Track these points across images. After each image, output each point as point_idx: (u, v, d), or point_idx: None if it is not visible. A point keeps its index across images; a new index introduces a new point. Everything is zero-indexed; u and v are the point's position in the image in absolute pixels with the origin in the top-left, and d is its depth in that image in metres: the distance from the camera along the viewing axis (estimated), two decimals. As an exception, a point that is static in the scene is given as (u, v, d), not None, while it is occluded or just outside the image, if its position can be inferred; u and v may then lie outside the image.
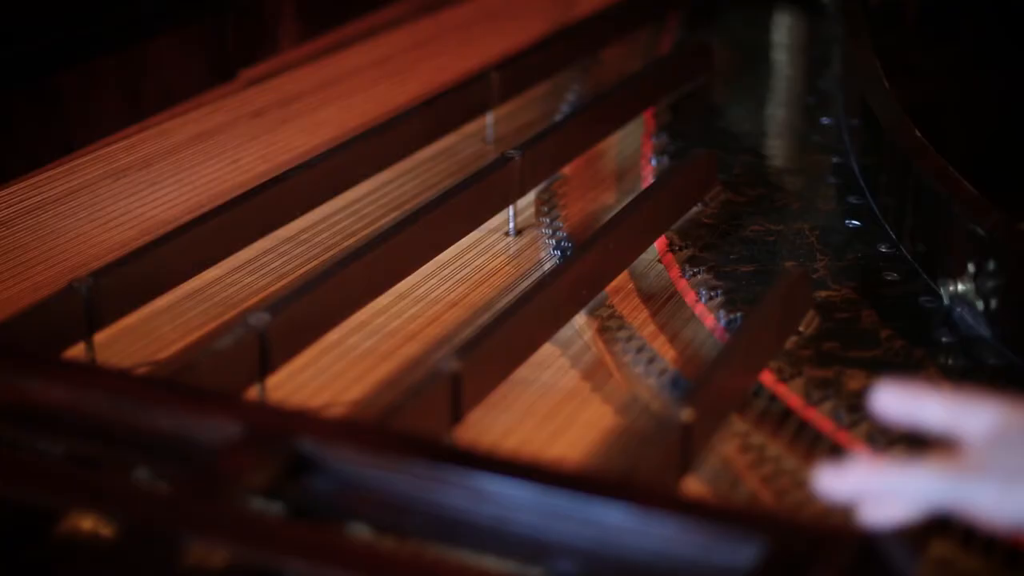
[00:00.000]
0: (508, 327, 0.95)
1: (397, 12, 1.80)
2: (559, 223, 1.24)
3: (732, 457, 0.92)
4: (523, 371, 0.99)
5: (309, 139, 1.42)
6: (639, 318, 1.09)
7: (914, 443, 0.92)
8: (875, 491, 0.68)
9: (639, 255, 1.16)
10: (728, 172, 1.34)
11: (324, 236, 1.22)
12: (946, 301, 1.09)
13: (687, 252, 1.19)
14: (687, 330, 1.08)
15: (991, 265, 1.04)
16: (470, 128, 1.43)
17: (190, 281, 1.09)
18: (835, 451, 0.92)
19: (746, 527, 0.68)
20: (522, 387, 0.99)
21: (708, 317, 1.09)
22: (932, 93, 1.49)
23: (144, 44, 1.44)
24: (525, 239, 1.23)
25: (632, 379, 1.01)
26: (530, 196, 1.27)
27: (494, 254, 1.20)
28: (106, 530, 0.75)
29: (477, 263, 1.18)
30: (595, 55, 1.65)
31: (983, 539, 0.83)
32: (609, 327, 1.08)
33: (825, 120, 1.50)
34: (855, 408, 0.96)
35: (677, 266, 1.16)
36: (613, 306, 1.11)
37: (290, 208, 1.18)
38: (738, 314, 1.08)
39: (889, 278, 1.14)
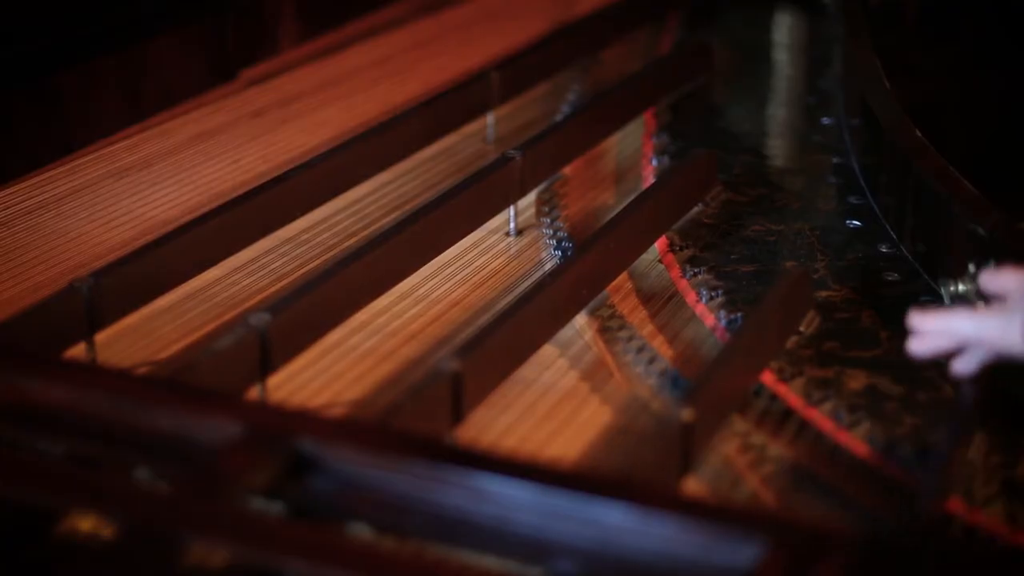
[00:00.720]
0: (509, 327, 0.95)
1: (397, 12, 1.80)
2: (560, 223, 1.24)
3: (732, 457, 0.92)
4: (524, 371, 0.99)
5: (309, 139, 1.42)
6: (640, 318, 1.09)
7: (918, 442, 0.92)
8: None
9: (640, 255, 1.16)
10: (728, 172, 1.34)
11: (325, 236, 1.22)
12: (946, 301, 1.09)
13: (688, 252, 1.19)
14: (688, 330, 1.08)
15: (991, 265, 1.04)
16: (470, 128, 1.43)
17: (191, 281, 1.09)
18: (835, 451, 0.92)
19: (746, 527, 0.68)
20: (523, 387, 0.99)
21: (708, 317, 1.09)
22: (932, 93, 1.49)
23: (144, 44, 1.44)
24: (526, 239, 1.23)
25: (632, 379, 1.01)
26: (531, 196, 1.28)
27: (495, 254, 1.20)
28: (106, 530, 0.75)
29: (478, 263, 1.18)
30: (595, 55, 1.65)
31: (983, 539, 0.83)
32: (610, 327, 1.08)
33: (825, 120, 1.50)
34: (855, 408, 0.96)
35: (678, 266, 1.16)
36: (614, 306, 1.11)
37: (291, 208, 1.18)
38: (739, 314, 1.08)
39: (890, 278, 1.14)
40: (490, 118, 1.43)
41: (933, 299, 1.10)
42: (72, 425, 0.80)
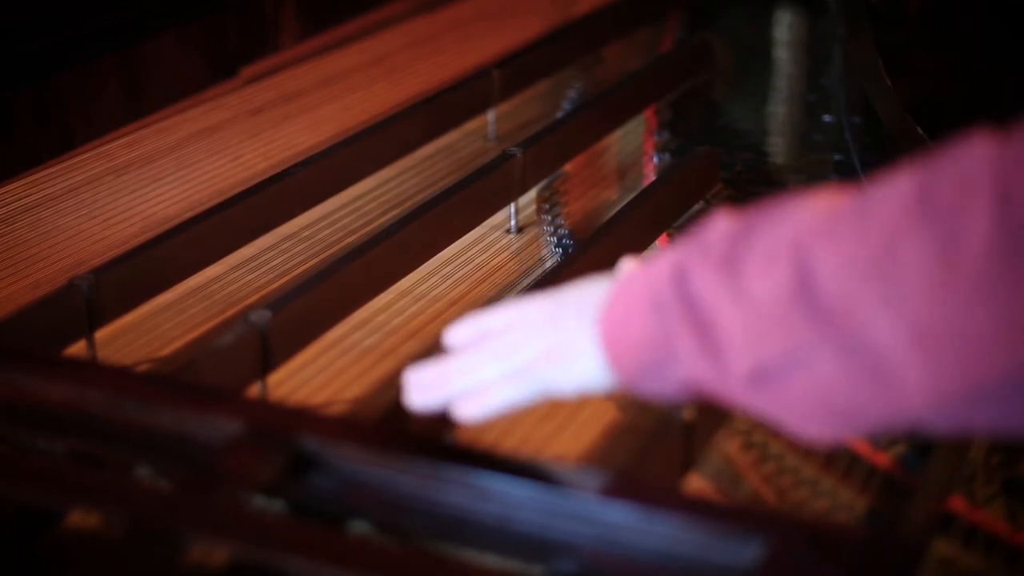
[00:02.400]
0: (509, 325, 0.95)
1: (398, 10, 1.80)
2: (560, 220, 1.24)
3: (734, 456, 0.92)
4: (524, 369, 0.99)
5: (310, 136, 1.42)
6: (640, 316, 1.09)
7: (915, 443, 0.92)
8: (456, 390, 0.73)
9: (641, 253, 1.16)
10: (730, 170, 1.34)
11: (325, 233, 1.22)
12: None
13: (688, 250, 1.18)
14: (688, 328, 1.08)
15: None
16: (471, 125, 1.43)
17: (191, 278, 1.09)
18: (836, 450, 0.92)
19: (748, 526, 0.68)
20: (523, 385, 0.99)
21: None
22: (933, 91, 1.48)
23: (145, 42, 1.44)
24: (526, 236, 1.23)
25: (633, 377, 1.01)
26: (531, 193, 1.27)
27: (495, 251, 1.20)
28: (106, 530, 0.74)
29: (478, 260, 1.18)
30: (596, 53, 1.65)
31: (984, 538, 0.83)
32: (610, 325, 1.07)
33: (827, 118, 1.50)
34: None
35: (678, 264, 1.16)
36: (614, 304, 1.10)
37: (291, 205, 1.18)
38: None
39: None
40: (491, 115, 1.43)
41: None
42: (72, 423, 0.79)
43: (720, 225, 0.68)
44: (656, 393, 0.69)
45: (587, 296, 0.73)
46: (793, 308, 0.62)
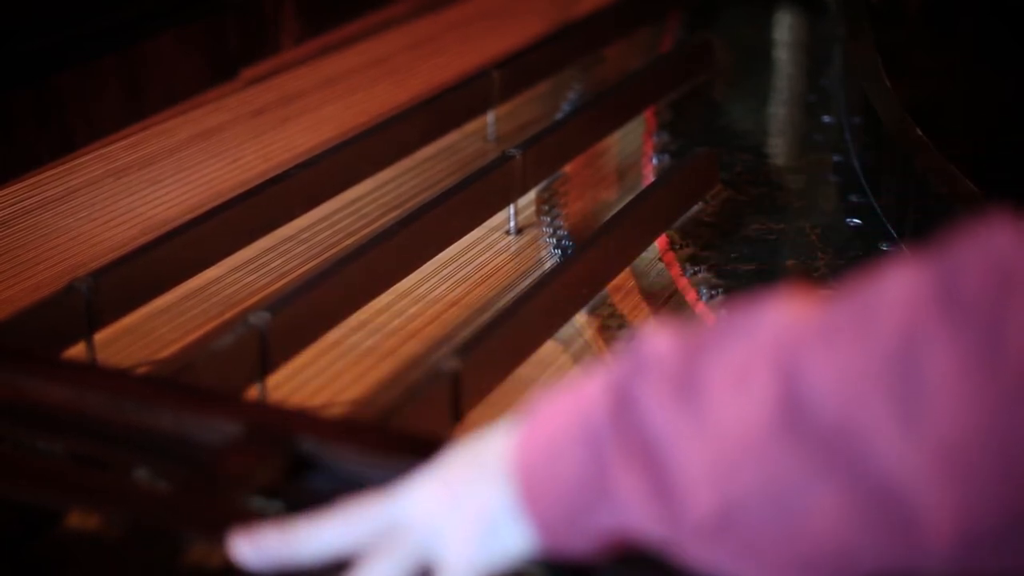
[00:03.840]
0: (509, 326, 0.95)
1: (398, 11, 1.80)
2: (560, 221, 1.24)
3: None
4: (524, 370, 0.99)
5: (310, 138, 1.42)
6: (640, 317, 1.09)
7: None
8: (291, 555, 0.63)
9: (640, 253, 1.16)
10: (729, 171, 1.34)
11: (325, 235, 1.22)
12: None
13: (688, 251, 1.18)
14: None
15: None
16: (471, 126, 1.43)
17: (190, 280, 1.09)
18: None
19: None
20: (522, 386, 0.99)
21: (709, 316, 1.09)
22: (933, 91, 1.49)
23: (145, 43, 1.44)
24: (526, 237, 1.23)
25: (633, 378, 1.01)
26: (531, 194, 1.27)
27: (495, 253, 1.20)
28: (106, 530, 0.75)
29: (478, 262, 1.18)
30: (596, 53, 1.65)
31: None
32: (610, 326, 1.08)
33: (826, 118, 1.50)
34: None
35: (678, 265, 1.16)
36: (614, 305, 1.10)
37: (291, 207, 1.18)
38: (739, 313, 1.07)
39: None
40: (491, 116, 1.43)
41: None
42: (71, 425, 0.79)
43: (664, 342, 0.56)
44: (577, 548, 0.57)
45: (482, 456, 0.60)
46: (776, 435, 0.51)
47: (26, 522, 0.74)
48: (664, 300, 1.12)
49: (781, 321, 0.54)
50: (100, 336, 1.00)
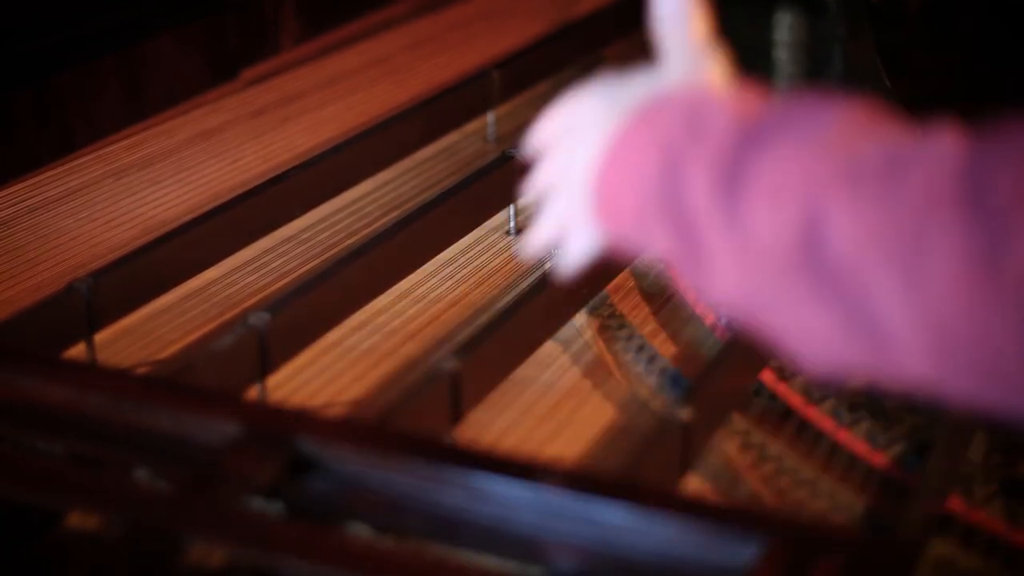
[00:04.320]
0: (508, 326, 0.95)
1: (398, 11, 1.80)
2: (560, 222, 1.24)
3: (732, 456, 0.92)
4: (523, 370, 0.99)
5: (310, 138, 1.42)
6: (639, 317, 1.09)
7: (914, 445, 0.92)
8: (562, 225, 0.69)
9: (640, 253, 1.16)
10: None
11: (324, 235, 1.22)
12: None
13: (688, 251, 1.18)
14: (687, 329, 1.08)
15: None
16: (471, 127, 1.43)
17: (190, 281, 1.09)
18: (835, 450, 0.92)
19: (746, 526, 0.68)
20: (522, 386, 0.99)
21: (708, 316, 1.09)
22: (933, 91, 1.48)
23: (145, 43, 1.44)
24: (526, 238, 1.23)
25: (632, 378, 1.01)
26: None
27: (494, 253, 1.20)
28: (106, 530, 0.75)
29: (478, 262, 1.18)
30: (596, 53, 1.65)
31: (983, 538, 0.83)
32: (609, 326, 1.08)
33: (826, 118, 1.50)
34: (856, 407, 0.95)
35: (678, 265, 1.16)
36: (613, 305, 1.11)
37: (290, 207, 1.18)
38: (738, 313, 1.08)
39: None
40: (491, 117, 1.43)
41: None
42: (72, 425, 0.80)
43: (722, 121, 0.60)
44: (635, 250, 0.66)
45: (609, 113, 0.68)
46: (793, 258, 0.56)
47: (26, 522, 0.74)
48: (664, 300, 1.12)
49: (824, 141, 0.57)
50: (100, 336, 1.00)
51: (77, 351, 0.97)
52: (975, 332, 0.53)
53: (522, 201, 1.24)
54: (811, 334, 0.57)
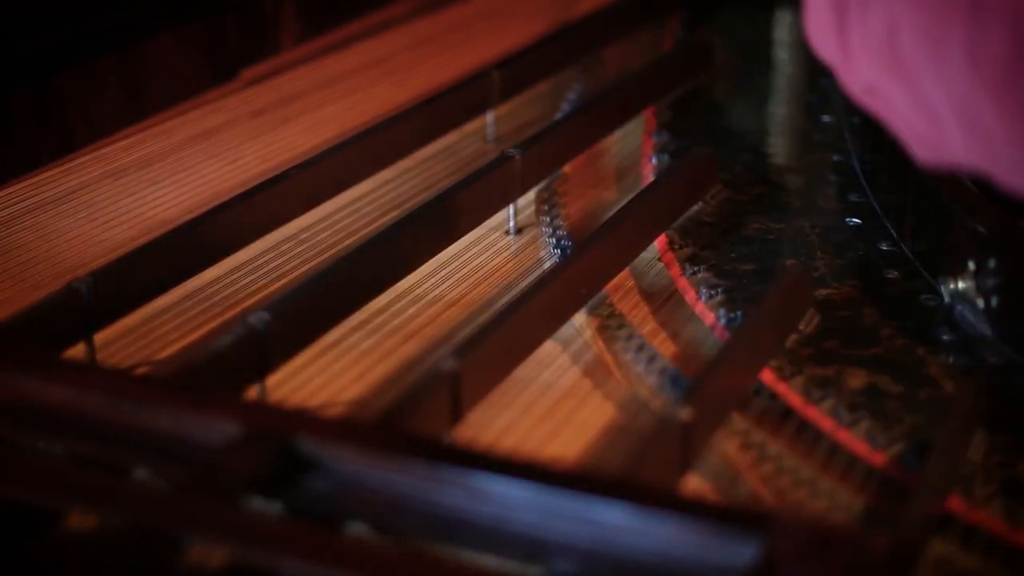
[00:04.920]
0: (508, 326, 0.95)
1: (398, 11, 1.80)
2: (559, 221, 1.24)
3: (732, 456, 0.92)
4: (522, 370, 0.99)
5: (310, 138, 1.42)
6: (639, 316, 1.09)
7: (914, 445, 0.92)
8: None
9: (639, 253, 1.16)
10: (729, 170, 1.34)
11: (324, 235, 1.22)
12: (947, 299, 1.09)
13: (687, 250, 1.18)
14: (687, 329, 1.08)
15: (992, 263, 1.04)
16: (471, 127, 1.43)
17: (190, 281, 1.09)
18: (835, 450, 0.92)
19: (746, 526, 0.68)
20: (521, 386, 0.99)
21: (708, 315, 1.09)
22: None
23: (145, 43, 1.44)
24: (525, 237, 1.23)
25: (632, 378, 1.01)
26: (530, 194, 1.27)
27: (494, 253, 1.20)
28: (106, 530, 0.75)
29: (477, 262, 1.18)
30: (596, 54, 1.65)
31: (983, 538, 0.83)
32: (609, 325, 1.08)
33: (826, 118, 1.50)
34: (856, 406, 0.95)
35: (677, 264, 1.16)
36: (613, 305, 1.11)
37: (290, 207, 1.18)
38: (738, 312, 1.08)
39: (890, 276, 1.14)
40: (490, 116, 1.43)
41: (934, 297, 1.10)
42: (71, 425, 0.80)
43: None
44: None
45: None
46: (888, 58, 0.72)
47: (25, 522, 0.74)
48: (664, 300, 1.12)
49: None
50: (99, 336, 1.00)
51: (76, 351, 0.97)
52: (975, 117, 0.68)
53: (521, 201, 1.24)
54: (906, 120, 0.74)
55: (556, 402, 0.98)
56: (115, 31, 1.42)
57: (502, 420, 0.96)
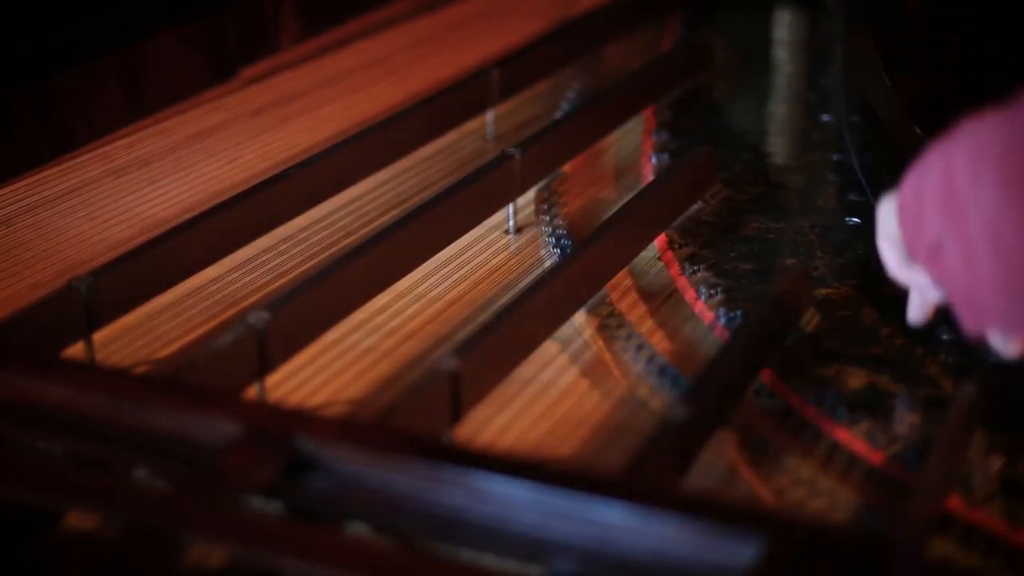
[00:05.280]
0: (508, 325, 0.95)
1: (397, 10, 1.80)
2: (559, 221, 1.24)
3: (732, 456, 0.92)
4: (522, 369, 0.99)
5: (309, 137, 1.42)
6: (639, 316, 1.09)
7: (914, 445, 0.92)
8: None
9: (639, 253, 1.16)
10: (728, 170, 1.34)
11: (324, 234, 1.22)
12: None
13: (687, 250, 1.18)
14: (687, 328, 1.08)
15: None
16: (470, 126, 1.43)
17: (189, 279, 1.09)
18: (835, 450, 0.92)
19: (746, 526, 0.68)
20: (521, 385, 0.99)
21: (708, 315, 1.09)
22: (933, 91, 1.48)
23: (145, 43, 1.44)
24: (525, 237, 1.23)
25: (631, 377, 1.01)
26: (530, 194, 1.27)
27: (494, 252, 1.20)
28: (106, 530, 0.75)
29: (477, 261, 1.18)
30: (596, 52, 1.65)
31: (983, 538, 0.83)
32: (609, 325, 1.08)
33: (826, 117, 1.50)
34: (855, 406, 0.95)
35: (677, 264, 1.16)
36: (613, 304, 1.10)
37: (290, 206, 1.18)
38: (738, 312, 1.08)
39: (890, 276, 1.14)
40: (490, 116, 1.43)
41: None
42: (70, 424, 0.80)
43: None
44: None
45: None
46: (944, 193, 0.81)
47: (25, 522, 0.74)
48: (663, 299, 1.12)
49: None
50: (99, 336, 1.00)
51: (76, 350, 0.97)
52: (1001, 233, 0.78)
53: (521, 200, 1.24)
54: (955, 274, 0.83)
55: (556, 401, 0.98)
56: (115, 31, 1.42)
57: (502, 419, 0.96)
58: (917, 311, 0.99)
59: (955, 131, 0.83)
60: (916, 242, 0.88)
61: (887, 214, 0.95)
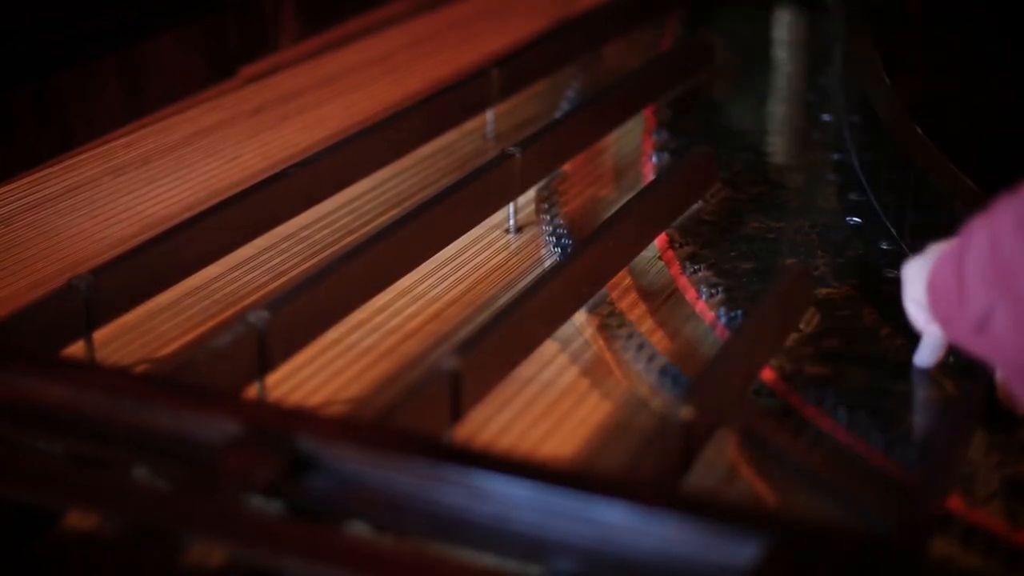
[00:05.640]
0: (508, 325, 0.95)
1: (397, 9, 1.80)
2: (559, 220, 1.24)
3: (732, 455, 0.92)
4: (523, 368, 0.99)
5: (309, 136, 1.42)
6: (639, 315, 1.09)
7: (914, 445, 0.92)
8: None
9: (639, 252, 1.16)
10: (728, 169, 1.34)
11: (324, 233, 1.22)
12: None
13: (687, 249, 1.18)
14: (687, 327, 1.08)
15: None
16: (470, 125, 1.43)
17: (189, 278, 1.09)
18: (835, 450, 0.92)
19: (746, 526, 0.68)
20: (522, 384, 0.99)
21: (708, 314, 1.09)
22: (933, 89, 1.48)
23: (145, 43, 1.44)
24: (525, 236, 1.23)
25: (632, 376, 1.01)
26: (530, 193, 1.27)
27: (494, 251, 1.20)
28: (105, 530, 0.75)
29: (477, 260, 1.18)
30: (596, 52, 1.65)
31: (983, 538, 0.83)
32: (609, 324, 1.08)
33: (826, 117, 1.50)
34: (855, 406, 0.95)
35: (677, 263, 1.16)
36: (613, 303, 1.10)
37: (289, 205, 1.18)
38: (738, 311, 1.08)
39: (890, 275, 1.14)
40: (490, 115, 1.43)
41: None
42: (70, 424, 0.80)
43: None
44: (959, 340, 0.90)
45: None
46: (991, 263, 0.82)
47: (25, 522, 0.74)
48: (664, 298, 1.12)
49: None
50: (99, 335, 1.00)
51: (76, 349, 0.97)
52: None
53: (521, 199, 1.24)
54: (1008, 347, 0.83)
55: (556, 400, 0.98)
56: (115, 31, 1.42)
57: (502, 418, 0.96)
58: (928, 357, 1.00)
59: (994, 205, 0.83)
60: (958, 321, 0.87)
61: (914, 279, 0.95)
